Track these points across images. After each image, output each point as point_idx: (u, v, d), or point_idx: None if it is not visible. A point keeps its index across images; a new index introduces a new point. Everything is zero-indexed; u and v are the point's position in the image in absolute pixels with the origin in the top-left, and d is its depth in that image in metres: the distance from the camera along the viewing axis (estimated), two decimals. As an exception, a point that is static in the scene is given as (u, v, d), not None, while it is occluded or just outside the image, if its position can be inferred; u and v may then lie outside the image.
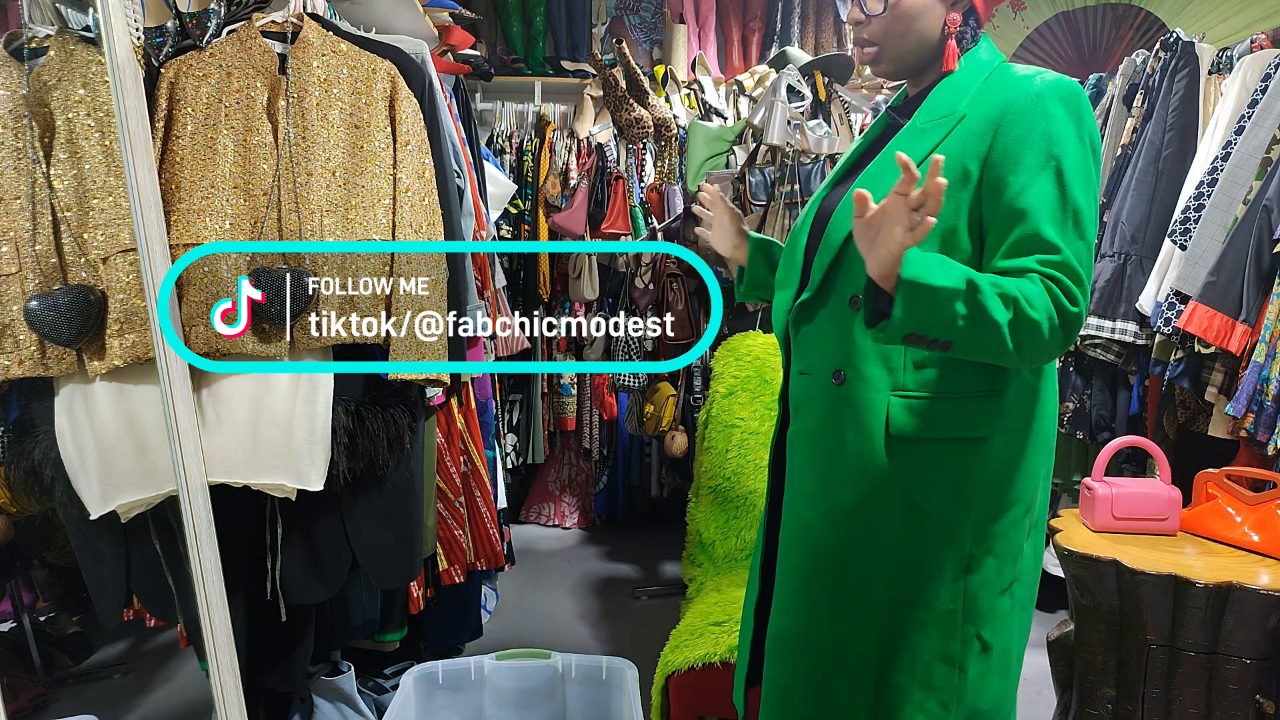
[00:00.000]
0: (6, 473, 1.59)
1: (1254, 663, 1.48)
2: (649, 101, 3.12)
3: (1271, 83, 2.14)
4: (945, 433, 1.13)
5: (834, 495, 1.18)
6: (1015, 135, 1.06)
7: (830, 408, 1.18)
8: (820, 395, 1.19)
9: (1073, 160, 1.05)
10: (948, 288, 0.96)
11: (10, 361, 1.51)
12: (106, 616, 1.69)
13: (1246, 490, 1.74)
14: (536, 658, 1.92)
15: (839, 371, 1.16)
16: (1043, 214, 1.03)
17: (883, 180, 1.12)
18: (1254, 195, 2.10)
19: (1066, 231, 1.03)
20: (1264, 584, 1.47)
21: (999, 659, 1.18)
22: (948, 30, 1.16)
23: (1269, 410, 1.93)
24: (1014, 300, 0.98)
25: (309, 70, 1.58)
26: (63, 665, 2.48)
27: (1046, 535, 1.41)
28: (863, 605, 1.18)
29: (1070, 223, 1.04)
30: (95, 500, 1.54)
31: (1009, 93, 1.09)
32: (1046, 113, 1.06)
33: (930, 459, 1.13)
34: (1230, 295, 2.05)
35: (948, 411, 1.12)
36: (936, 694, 1.16)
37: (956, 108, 1.12)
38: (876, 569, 1.17)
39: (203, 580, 1.51)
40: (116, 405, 1.53)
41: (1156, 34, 3.80)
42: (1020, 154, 1.05)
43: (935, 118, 1.14)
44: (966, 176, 1.09)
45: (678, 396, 3.04)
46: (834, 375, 1.16)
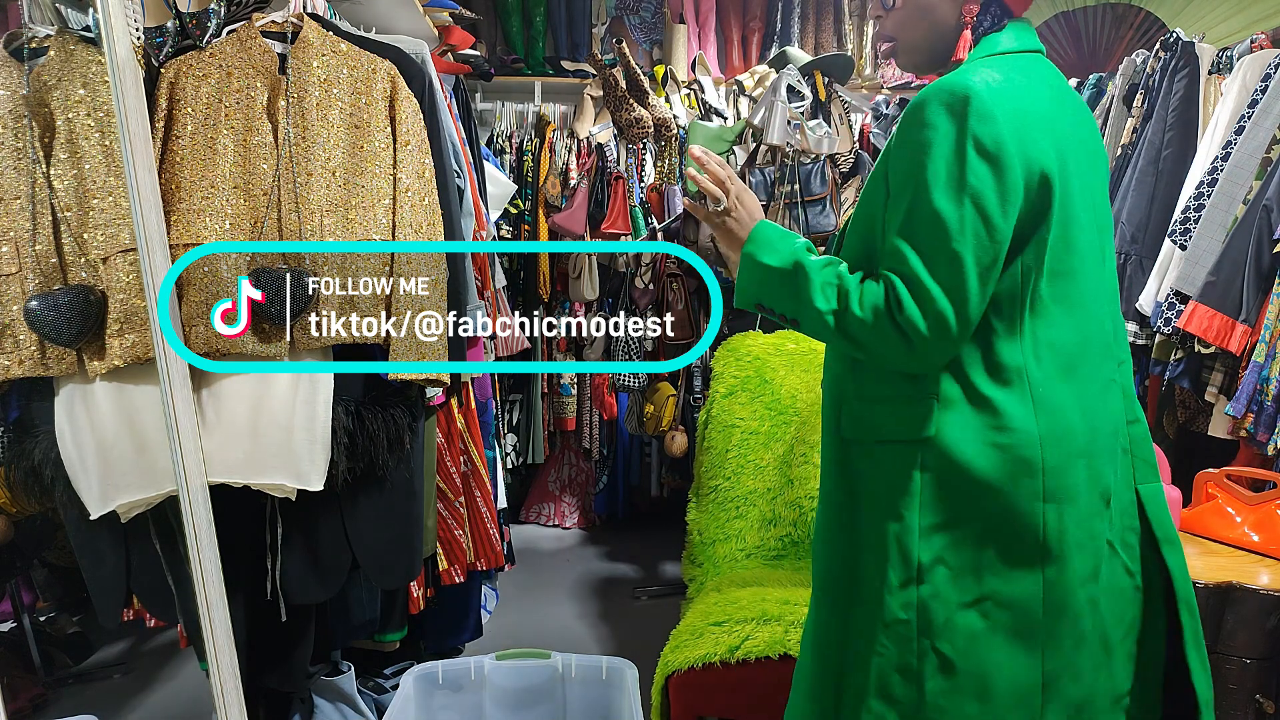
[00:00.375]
0: (6, 473, 1.59)
1: (1254, 663, 1.48)
2: (649, 101, 3.12)
3: (1271, 83, 2.14)
4: (884, 434, 1.12)
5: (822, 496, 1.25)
6: (897, 143, 1.08)
7: (824, 412, 1.25)
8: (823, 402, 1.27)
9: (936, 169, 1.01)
10: (774, 266, 1.11)
11: (10, 361, 1.51)
12: (106, 616, 1.69)
13: (1246, 490, 1.74)
14: (536, 658, 1.92)
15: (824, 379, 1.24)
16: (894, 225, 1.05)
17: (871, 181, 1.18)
18: (1254, 195, 2.10)
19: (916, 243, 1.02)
20: (1264, 584, 1.47)
21: (969, 682, 1.08)
22: (964, 21, 1.13)
23: (1269, 410, 1.93)
24: (845, 294, 1.06)
25: (309, 70, 1.58)
26: (63, 665, 2.48)
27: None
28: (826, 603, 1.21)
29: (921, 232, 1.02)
30: (95, 500, 1.54)
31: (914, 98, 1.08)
32: (921, 120, 1.04)
33: (874, 460, 1.13)
34: (1230, 295, 2.05)
35: (884, 414, 1.12)
36: (896, 707, 1.11)
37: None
38: (838, 567, 1.19)
39: (203, 580, 1.51)
40: (116, 405, 1.53)
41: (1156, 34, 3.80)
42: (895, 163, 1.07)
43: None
44: (886, 177, 1.10)
45: (678, 396, 3.04)
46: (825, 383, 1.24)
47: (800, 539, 2.24)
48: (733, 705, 1.73)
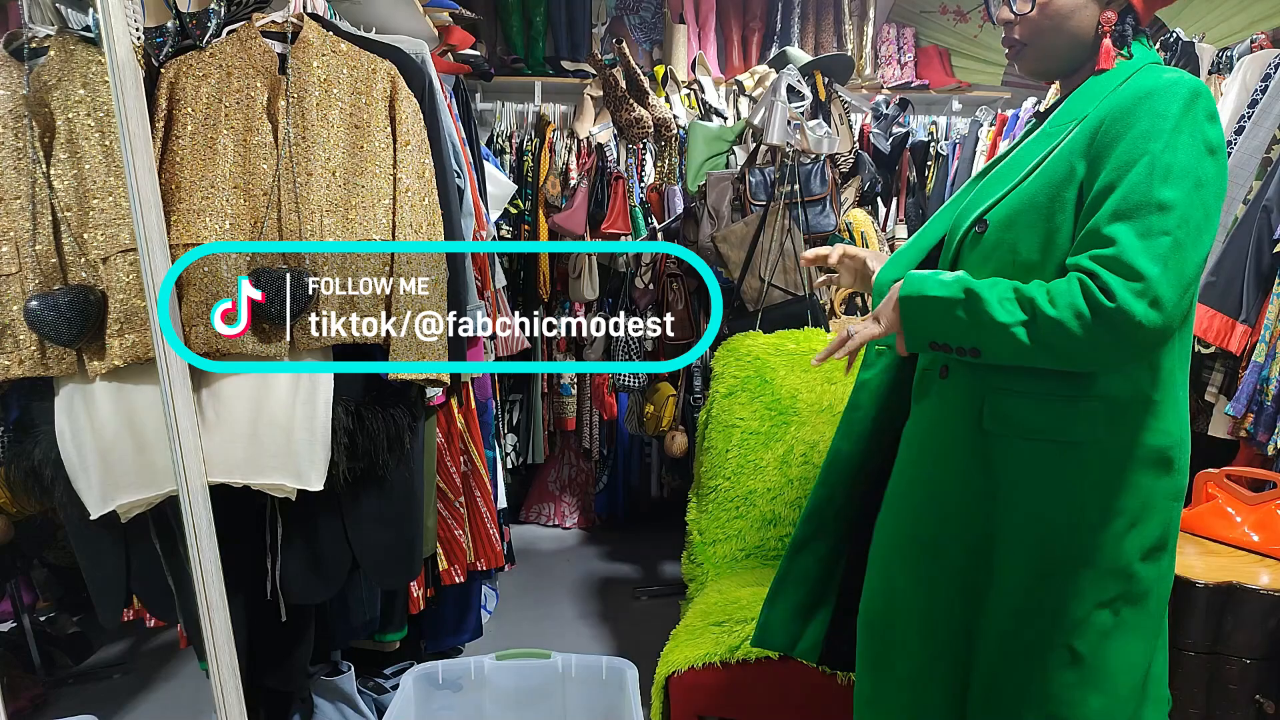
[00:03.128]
0: (6, 473, 1.59)
1: (1254, 663, 1.48)
2: (649, 101, 3.12)
3: (1271, 83, 2.14)
4: (1034, 432, 1.12)
5: (931, 487, 1.21)
6: (1115, 132, 1.04)
7: (937, 402, 1.20)
8: (931, 389, 1.21)
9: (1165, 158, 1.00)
10: (947, 297, 1.05)
11: (10, 361, 1.51)
12: (106, 616, 1.69)
13: (1246, 490, 1.74)
14: (536, 658, 1.92)
15: (945, 366, 1.18)
16: (1109, 209, 1.01)
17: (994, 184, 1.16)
18: (1254, 195, 2.10)
19: (1132, 225, 0.99)
20: (1264, 584, 1.47)
21: (1095, 675, 1.13)
22: (1102, 29, 1.12)
23: (1269, 410, 1.93)
24: (1030, 301, 1.01)
25: (309, 70, 1.58)
26: (63, 665, 2.48)
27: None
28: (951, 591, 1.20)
29: (1141, 216, 0.99)
30: (95, 500, 1.54)
31: (1125, 89, 1.07)
32: (1153, 110, 1.02)
33: (1022, 457, 1.13)
34: (1230, 295, 2.05)
35: (1035, 410, 1.11)
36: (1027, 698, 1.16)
37: (1084, 110, 1.11)
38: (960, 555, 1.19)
39: (203, 580, 1.51)
40: (116, 405, 1.53)
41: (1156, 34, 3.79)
42: (1114, 150, 1.03)
43: (1064, 121, 1.13)
44: (1071, 174, 1.07)
45: (678, 396, 3.03)
46: (940, 370, 1.19)
47: (800, 539, 2.24)
48: (733, 705, 1.73)
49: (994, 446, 1.14)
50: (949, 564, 1.20)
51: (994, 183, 1.18)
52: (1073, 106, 1.14)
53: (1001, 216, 1.12)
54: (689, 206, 3.04)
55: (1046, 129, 1.16)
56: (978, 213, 1.15)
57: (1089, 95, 1.13)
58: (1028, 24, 1.14)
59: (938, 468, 1.20)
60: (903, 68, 4.21)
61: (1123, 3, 1.13)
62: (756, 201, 2.64)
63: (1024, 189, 1.11)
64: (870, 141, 3.35)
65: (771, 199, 2.63)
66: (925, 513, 1.22)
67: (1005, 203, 1.12)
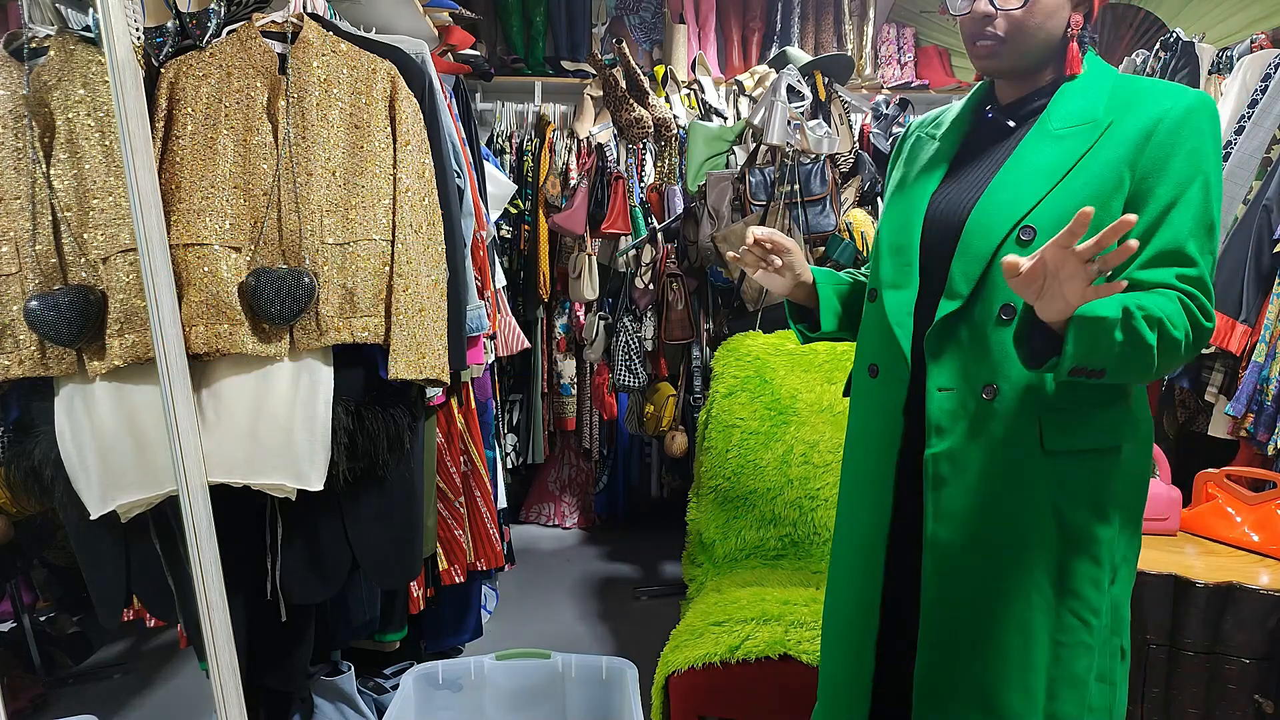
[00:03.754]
0: (6, 473, 1.59)
1: (1254, 663, 1.48)
2: (649, 101, 3.12)
3: (1271, 83, 2.14)
4: (1088, 443, 1.13)
5: (986, 515, 1.15)
6: (1168, 147, 1.07)
7: (981, 424, 1.14)
8: (970, 412, 1.14)
9: (1215, 177, 1.07)
10: (1111, 318, 0.96)
11: (10, 361, 1.51)
12: (106, 616, 1.69)
13: (1246, 490, 1.74)
14: (536, 658, 1.92)
15: (990, 385, 1.12)
16: (1186, 228, 1.06)
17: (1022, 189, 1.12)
18: (1254, 195, 2.10)
19: (1204, 247, 1.06)
20: (1264, 584, 1.47)
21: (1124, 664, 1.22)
22: (1070, 31, 1.14)
23: (1269, 410, 1.93)
24: (1159, 321, 0.99)
25: (309, 70, 1.58)
26: (63, 665, 2.48)
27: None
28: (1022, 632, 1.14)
29: (1206, 238, 1.06)
30: (95, 500, 1.54)
31: (1161, 103, 1.09)
32: (1199, 128, 1.07)
33: (1077, 471, 1.13)
34: (1230, 295, 2.05)
35: (1089, 421, 1.13)
36: (1095, 715, 1.17)
37: (1095, 115, 1.11)
38: (1034, 592, 1.14)
39: (203, 580, 1.51)
40: (116, 405, 1.53)
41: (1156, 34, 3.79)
42: (1170, 166, 1.07)
43: (1073, 124, 1.12)
44: (1120, 184, 1.09)
45: (678, 396, 3.04)
46: (984, 390, 1.13)
47: (800, 539, 2.24)
48: (733, 705, 1.73)
49: (1050, 467, 1.12)
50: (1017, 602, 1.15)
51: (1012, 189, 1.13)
52: (1072, 109, 1.13)
53: (1050, 223, 1.08)
54: (689, 206, 3.04)
55: (1053, 130, 1.13)
56: (1015, 218, 1.10)
57: (1084, 98, 1.13)
58: (1011, 20, 1.12)
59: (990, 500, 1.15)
60: (903, 68, 4.21)
61: (1088, 5, 1.14)
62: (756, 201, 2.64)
63: (1069, 195, 1.09)
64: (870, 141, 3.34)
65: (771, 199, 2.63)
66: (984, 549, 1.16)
67: (1048, 208, 1.09)
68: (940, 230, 1.19)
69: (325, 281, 1.56)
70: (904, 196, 1.26)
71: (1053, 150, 1.12)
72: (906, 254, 1.21)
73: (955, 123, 1.27)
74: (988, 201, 1.14)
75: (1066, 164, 1.10)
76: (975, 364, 1.13)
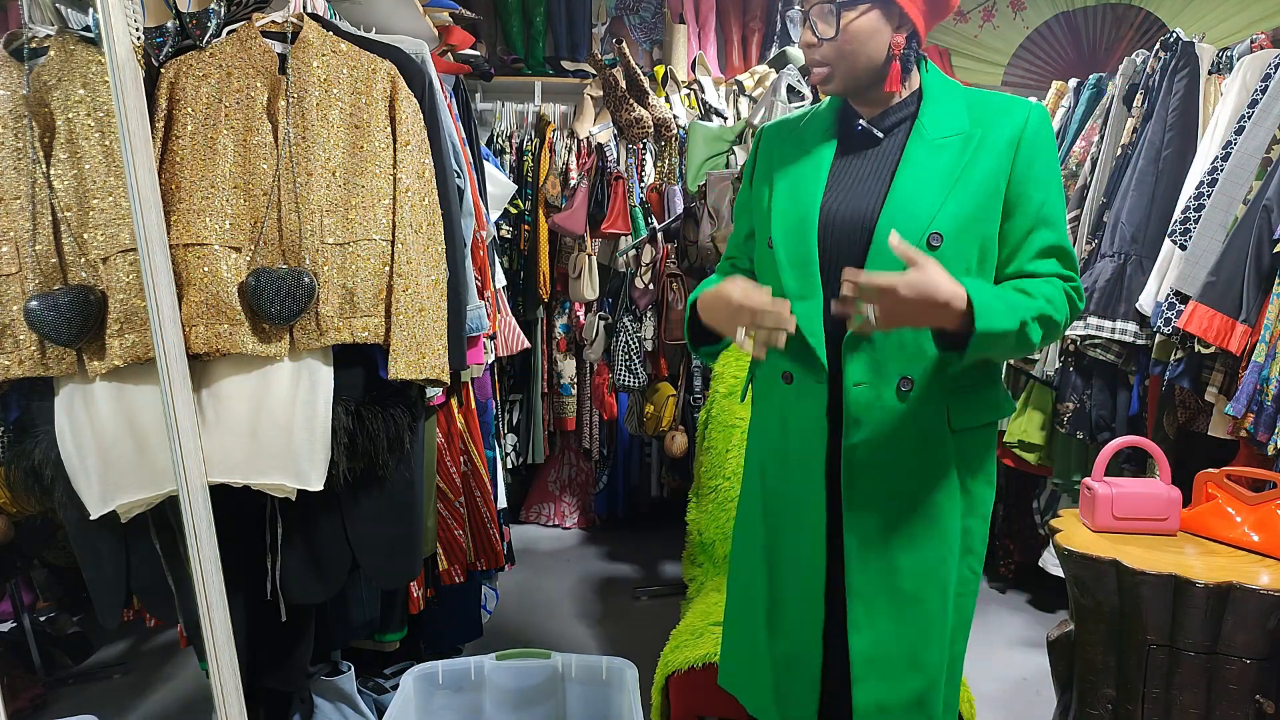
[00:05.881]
0: (6, 473, 1.59)
1: (1254, 663, 1.48)
2: (649, 101, 3.12)
3: (1271, 83, 2.14)
4: (983, 419, 1.30)
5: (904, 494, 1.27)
6: (1031, 156, 1.22)
7: (896, 414, 1.24)
8: (885, 402, 1.24)
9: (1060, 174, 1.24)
10: (1010, 331, 1.12)
11: (10, 361, 1.51)
12: (106, 616, 1.69)
13: (1246, 490, 1.74)
14: (536, 658, 1.92)
15: (907, 378, 1.23)
16: (1058, 224, 1.24)
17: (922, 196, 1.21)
18: (1254, 195, 2.10)
19: (1065, 234, 1.25)
20: (1264, 584, 1.47)
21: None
22: (893, 52, 1.22)
23: (1269, 410, 1.93)
24: (1047, 315, 1.17)
25: (309, 70, 1.58)
26: (63, 665, 2.48)
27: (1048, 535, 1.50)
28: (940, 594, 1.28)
29: (1065, 225, 1.26)
30: (95, 500, 1.53)
31: (1015, 116, 1.23)
32: (1049, 137, 1.24)
33: (974, 444, 1.29)
34: (1230, 295, 2.05)
35: (984, 399, 1.29)
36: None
37: (964, 126, 1.23)
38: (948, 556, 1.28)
39: (203, 580, 1.51)
40: (116, 405, 1.53)
41: (1156, 34, 3.80)
42: (1034, 171, 1.22)
43: (947, 135, 1.24)
44: (998, 190, 1.22)
45: (678, 396, 3.04)
46: (901, 383, 1.23)
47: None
48: (733, 705, 1.73)
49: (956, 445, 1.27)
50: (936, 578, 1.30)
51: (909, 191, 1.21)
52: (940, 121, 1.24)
53: (952, 229, 1.20)
54: (689, 206, 3.04)
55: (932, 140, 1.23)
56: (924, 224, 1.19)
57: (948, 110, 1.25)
58: (832, 48, 1.21)
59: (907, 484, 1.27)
60: (903, 68, 4.20)
61: (909, 27, 1.22)
62: (756, 201, 2.64)
63: (962, 202, 1.20)
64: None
65: (771, 199, 2.63)
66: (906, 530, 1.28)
67: (949, 215, 1.20)
68: (842, 237, 1.25)
69: (325, 281, 1.56)
70: (788, 204, 1.31)
71: (938, 160, 1.22)
72: (808, 265, 1.26)
73: (824, 133, 1.33)
74: (893, 209, 1.21)
75: (954, 172, 1.21)
76: (889, 359, 1.23)
